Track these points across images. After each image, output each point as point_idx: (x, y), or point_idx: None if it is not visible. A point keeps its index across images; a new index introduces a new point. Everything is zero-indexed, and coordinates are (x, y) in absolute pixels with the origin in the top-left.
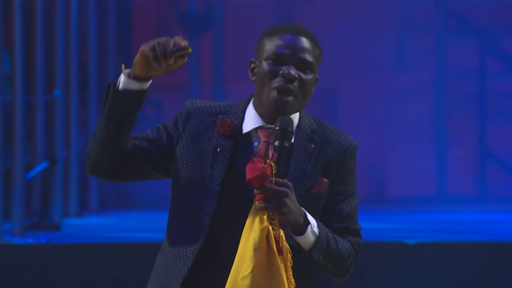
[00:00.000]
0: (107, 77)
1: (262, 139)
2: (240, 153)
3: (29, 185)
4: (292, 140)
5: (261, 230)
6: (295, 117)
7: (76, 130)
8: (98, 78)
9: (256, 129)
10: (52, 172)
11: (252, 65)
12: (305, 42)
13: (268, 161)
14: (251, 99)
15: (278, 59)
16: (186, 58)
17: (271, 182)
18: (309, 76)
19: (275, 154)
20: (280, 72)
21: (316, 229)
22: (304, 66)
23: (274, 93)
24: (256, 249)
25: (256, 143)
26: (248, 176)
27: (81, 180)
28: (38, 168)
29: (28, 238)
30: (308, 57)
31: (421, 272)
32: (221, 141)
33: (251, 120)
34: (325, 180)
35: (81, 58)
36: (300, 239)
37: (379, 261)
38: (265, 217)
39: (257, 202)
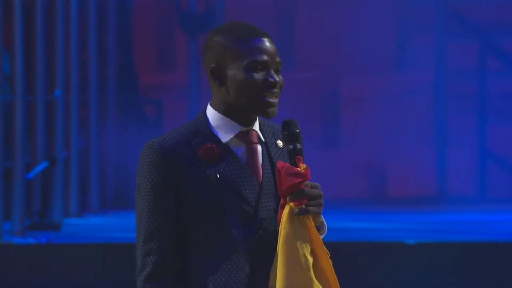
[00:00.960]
0: (107, 77)
1: (247, 142)
2: (230, 165)
3: (29, 185)
4: (263, 140)
5: (311, 235)
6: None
7: (76, 130)
8: (98, 78)
9: (235, 135)
10: (52, 172)
11: (215, 73)
12: (273, 43)
13: (302, 165)
14: (205, 113)
15: (259, 66)
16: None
17: (306, 185)
18: (281, 76)
19: (301, 158)
20: (270, 81)
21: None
22: (279, 68)
23: (266, 101)
24: (311, 253)
25: (240, 150)
26: (290, 181)
27: (81, 180)
28: (38, 168)
29: (28, 238)
30: (279, 58)
31: (421, 272)
32: (212, 168)
33: (226, 129)
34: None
35: (81, 58)
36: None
37: (379, 261)
38: (308, 221)
39: (293, 206)
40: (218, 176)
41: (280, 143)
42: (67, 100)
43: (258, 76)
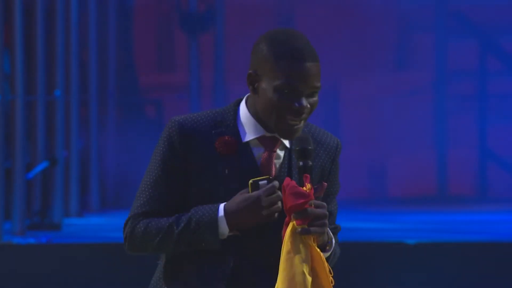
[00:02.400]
0: (108, 77)
1: (266, 148)
2: (243, 163)
3: (29, 185)
4: (288, 146)
5: (312, 254)
6: None
7: (76, 130)
8: (98, 78)
9: (256, 138)
10: (53, 172)
11: (251, 79)
12: (314, 68)
13: (308, 185)
14: (239, 104)
15: (288, 90)
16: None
17: (310, 205)
18: (317, 97)
19: (308, 176)
20: (296, 106)
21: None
22: (315, 92)
23: (288, 124)
24: (310, 272)
25: (256, 152)
26: (293, 201)
27: (81, 180)
28: (39, 168)
29: (29, 238)
30: (318, 82)
31: (421, 272)
32: (224, 161)
33: (250, 129)
34: (325, 183)
35: (81, 58)
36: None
37: (379, 261)
38: (310, 242)
39: (296, 225)
40: (226, 172)
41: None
42: (67, 100)
43: (285, 99)
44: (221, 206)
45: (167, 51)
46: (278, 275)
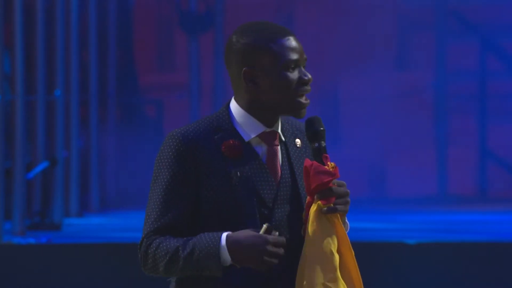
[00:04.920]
0: (108, 76)
1: (269, 143)
2: (251, 164)
3: (29, 185)
4: (283, 139)
5: (338, 233)
6: None
7: (76, 130)
8: (98, 78)
9: (257, 135)
10: (53, 172)
11: (249, 74)
12: (298, 40)
13: (330, 163)
14: (228, 108)
15: (292, 65)
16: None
17: (333, 184)
18: None
19: (328, 156)
20: (305, 79)
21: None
22: (305, 65)
23: (301, 99)
24: (339, 252)
25: (259, 150)
26: (320, 180)
27: (81, 180)
28: (39, 168)
29: (29, 238)
30: (305, 55)
31: (422, 272)
32: (233, 164)
33: (249, 128)
34: None
35: (81, 58)
36: None
37: (379, 260)
38: (336, 219)
39: (321, 204)
40: (238, 175)
41: (298, 141)
42: (67, 100)
43: (292, 75)
44: (224, 236)
45: (167, 51)
46: (306, 256)
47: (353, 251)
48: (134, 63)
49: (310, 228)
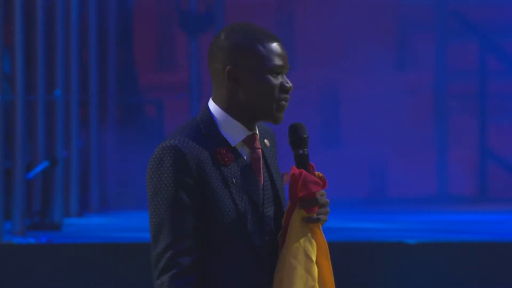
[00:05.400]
0: (108, 76)
1: (251, 146)
2: (241, 168)
3: (29, 185)
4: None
5: (318, 243)
6: None
7: (76, 130)
8: (98, 77)
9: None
10: (53, 172)
11: (233, 73)
12: (283, 48)
13: (317, 173)
14: (209, 112)
15: (278, 71)
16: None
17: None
18: None
19: (313, 165)
20: (286, 86)
21: None
22: (287, 73)
23: (279, 105)
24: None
25: (244, 153)
26: (308, 190)
27: (81, 180)
28: (39, 168)
29: (29, 238)
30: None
31: (422, 272)
32: (228, 171)
33: (234, 132)
34: (287, 172)
35: (81, 58)
36: None
37: (380, 260)
38: (317, 229)
39: (304, 213)
40: (234, 181)
41: (267, 142)
42: (67, 99)
43: (276, 80)
44: None
45: (167, 51)
46: (285, 265)
47: (330, 260)
48: (134, 63)
49: (291, 235)
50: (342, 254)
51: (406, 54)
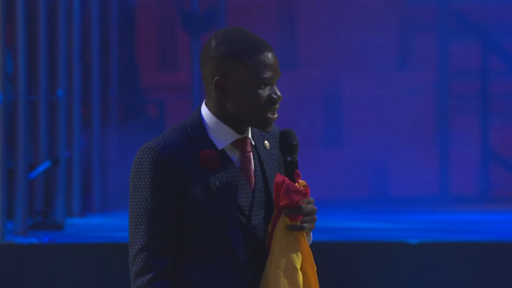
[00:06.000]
0: (110, 76)
1: (241, 149)
2: (227, 172)
3: (31, 185)
4: (254, 143)
5: (302, 250)
6: None
7: (78, 130)
8: (101, 77)
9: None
10: (55, 172)
11: (220, 84)
12: (275, 56)
13: (301, 181)
14: (200, 115)
15: (266, 83)
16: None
17: (302, 201)
18: None
19: (299, 173)
20: (274, 97)
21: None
22: (277, 80)
23: (268, 116)
24: (302, 269)
25: (233, 157)
26: (289, 199)
27: (83, 180)
28: (41, 168)
29: (31, 238)
30: (279, 70)
31: (424, 272)
32: (212, 174)
33: (222, 136)
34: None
35: (83, 58)
36: None
37: (382, 260)
38: (302, 237)
39: (289, 222)
40: (217, 184)
41: (267, 143)
42: (69, 99)
43: (263, 92)
44: None
45: (169, 51)
46: (270, 272)
47: (315, 267)
48: (136, 63)
49: (276, 244)
50: (343, 254)
51: (408, 54)
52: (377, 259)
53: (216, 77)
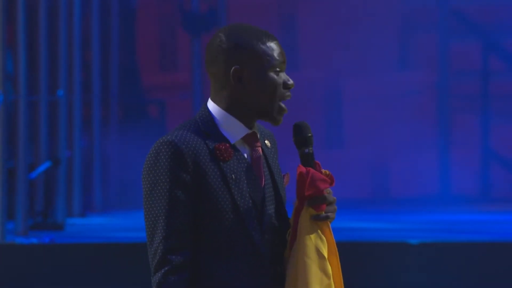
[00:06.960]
0: (110, 77)
1: (251, 145)
2: (240, 166)
3: (32, 185)
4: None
5: (328, 240)
6: None
7: (79, 130)
8: (101, 78)
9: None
10: (55, 172)
11: (238, 73)
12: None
13: (324, 170)
14: (208, 111)
15: (280, 69)
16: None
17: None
18: None
19: (319, 163)
20: (289, 83)
21: None
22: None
23: (281, 106)
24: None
25: (244, 151)
26: (317, 188)
27: (84, 180)
28: (41, 168)
29: (31, 238)
30: None
31: (424, 272)
32: (227, 167)
33: (234, 130)
34: (288, 173)
35: (84, 58)
36: None
37: (382, 260)
38: (326, 227)
39: (313, 211)
40: (233, 177)
41: (268, 143)
42: (70, 100)
43: (279, 78)
44: None
45: (169, 51)
46: (297, 261)
47: (338, 257)
48: (137, 64)
49: (302, 234)
50: (344, 254)
51: (408, 54)
52: (378, 259)
53: (234, 67)
